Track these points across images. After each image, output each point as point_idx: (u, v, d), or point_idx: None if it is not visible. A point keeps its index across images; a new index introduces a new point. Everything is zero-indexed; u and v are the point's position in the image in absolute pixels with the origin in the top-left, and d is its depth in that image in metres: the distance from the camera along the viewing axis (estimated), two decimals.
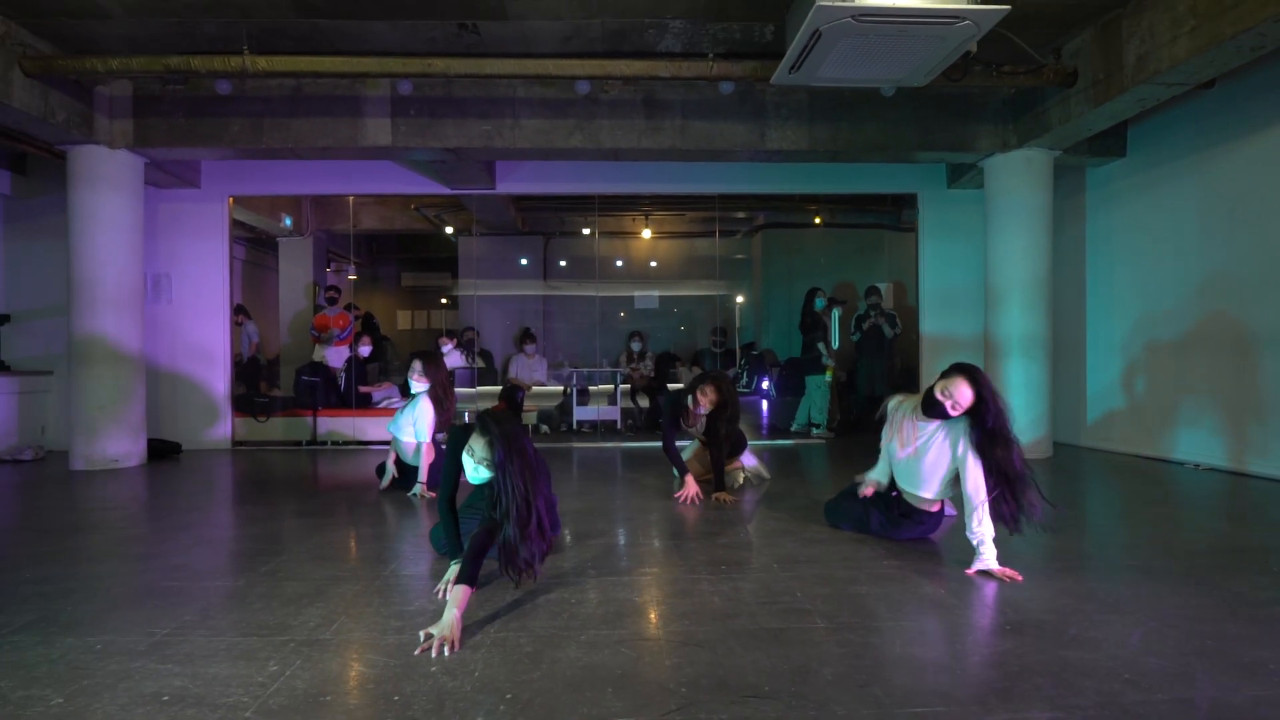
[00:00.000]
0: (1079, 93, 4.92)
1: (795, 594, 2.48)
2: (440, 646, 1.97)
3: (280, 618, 2.29)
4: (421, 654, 1.96)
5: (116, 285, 5.56)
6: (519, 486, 2.26)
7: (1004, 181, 5.80)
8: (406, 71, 4.79)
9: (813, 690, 1.76)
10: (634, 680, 1.83)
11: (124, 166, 5.59)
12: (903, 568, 2.78)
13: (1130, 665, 1.89)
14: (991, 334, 5.93)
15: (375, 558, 3.00)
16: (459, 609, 2.07)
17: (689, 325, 9.74)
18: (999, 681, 1.81)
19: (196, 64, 4.72)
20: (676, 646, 2.04)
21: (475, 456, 2.34)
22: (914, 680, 1.82)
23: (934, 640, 2.07)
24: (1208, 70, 4.14)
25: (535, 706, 1.70)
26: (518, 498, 2.25)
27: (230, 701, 1.73)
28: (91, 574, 2.83)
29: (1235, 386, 5.02)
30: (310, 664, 1.94)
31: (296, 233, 8.86)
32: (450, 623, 2.03)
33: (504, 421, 2.35)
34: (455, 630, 2.03)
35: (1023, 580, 2.57)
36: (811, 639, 2.08)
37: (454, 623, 2.04)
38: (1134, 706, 1.67)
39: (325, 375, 7.12)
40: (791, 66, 4.29)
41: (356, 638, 2.13)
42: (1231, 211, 5.04)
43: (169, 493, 4.63)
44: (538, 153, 5.66)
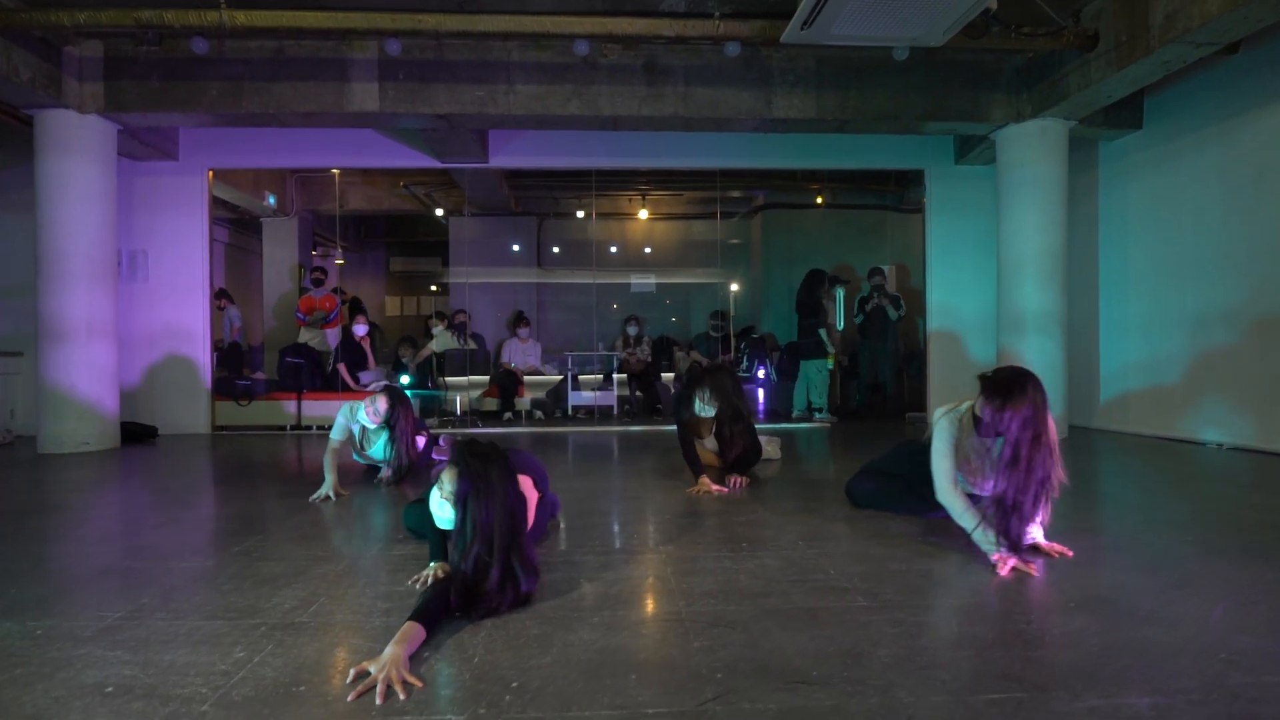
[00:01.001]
0: (1099, 56, 4.70)
1: (828, 571, 2.24)
2: (384, 688, 1.46)
3: (252, 600, 2.03)
4: (353, 701, 1.43)
5: (88, 258, 5.25)
6: (482, 529, 1.83)
7: (1017, 154, 5.59)
8: (395, 28, 4.50)
9: (869, 674, 1.52)
10: (659, 665, 1.59)
11: (95, 133, 5.27)
12: (941, 544, 2.54)
13: (1223, 645, 1.67)
14: (1005, 311, 5.72)
15: (361, 536, 2.74)
16: (405, 647, 1.60)
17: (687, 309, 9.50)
18: (1080, 663, 1.58)
19: (170, 18, 4.41)
20: (704, 627, 1.79)
21: (443, 492, 1.95)
22: (982, 662, 1.58)
23: (995, 619, 1.84)
24: (1240, 27, 3.93)
25: (547, 695, 1.45)
26: (479, 542, 1.83)
27: (185, 693, 1.47)
28: (44, 555, 2.55)
29: (1259, 364, 4.83)
30: (283, 650, 1.68)
31: (281, 212, 8.53)
32: (391, 659, 1.53)
33: (485, 456, 1.92)
34: (399, 668, 1.52)
35: (1072, 555, 2.34)
36: (855, 619, 1.85)
37: (397, 659, 1.54)
38: (1243, 690, 1.45)
39: (309, 357, 6.82)
40: (803, 23, 4.05)
41: (338, 620, 1.87)
42: (1256, 182, 4.85)
43: (139, 475, 4.33)
44: (533, 120, 5.39)
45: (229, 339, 8.11)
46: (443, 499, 1.96)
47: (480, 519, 1.84)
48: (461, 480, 1.88)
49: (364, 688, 1.46)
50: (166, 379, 6.35)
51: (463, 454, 1.92)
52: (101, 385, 5.31)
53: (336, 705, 1.42)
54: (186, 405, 6.36)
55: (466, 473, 1.88)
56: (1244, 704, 1.39)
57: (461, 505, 1.87)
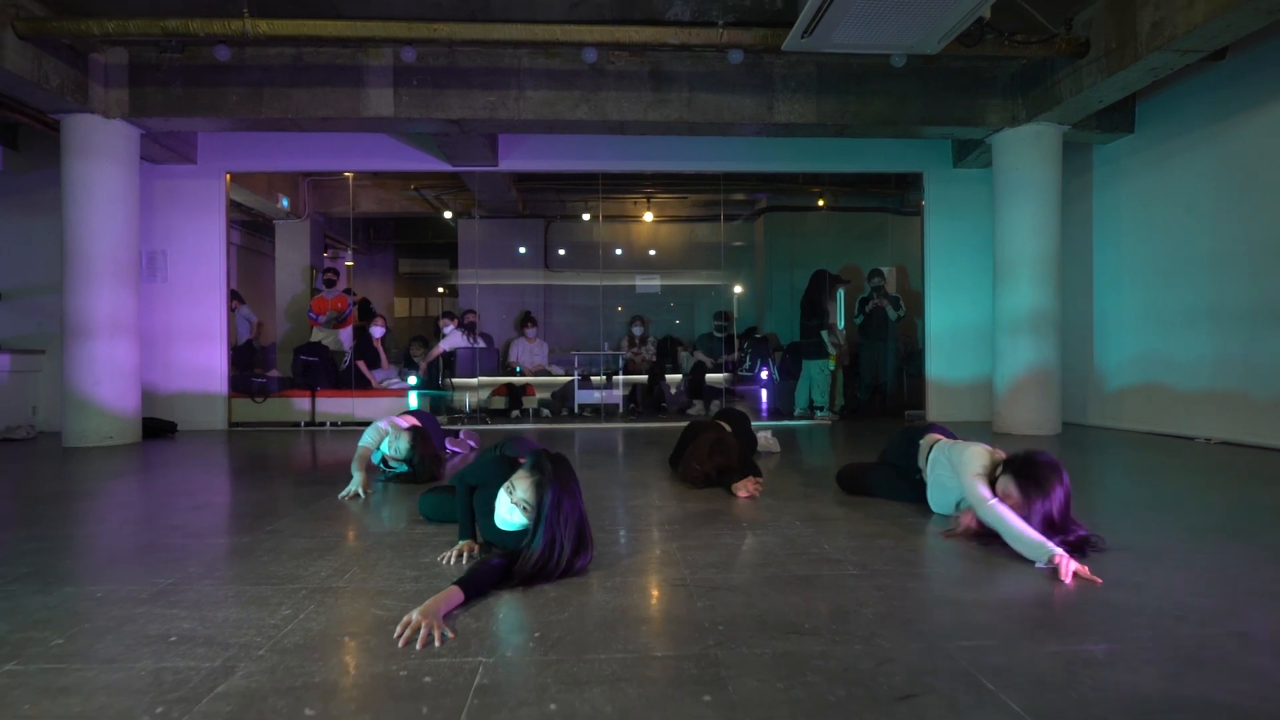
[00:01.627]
0: (1090, 63, 4.87)
1: (823, 545, 2.40)
2: (425, 635, 1.62)
3: (289, 569, 2.20)
4: (403, 646, 1.60)
5: (112, 259, 5.44)
6: (560, 533, 1.99)
7: (1013, 157, 5.75)
8: (411, 36, 4.69)
9: (855, 627, 1.69)
10: (667, 619, 1.75)
11: (119, 137, 5.47)
12: (923, 522, 2.70)
13: (1179, 605, 1.82)
14: (1001, 311, 5.87)
15: (383, 519, 2.91)
16: (442, 604, 1.75)
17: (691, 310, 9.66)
18: (1047, 618, 1.74)
19: (195, 27, 4.60)
20: (707, 591, 1.96)
21: (513, 496, 2.06)
22: (959, 617, 1.74)
23: (974, 583, 2.00)
24: (1224, 35, 4.09)
25: (566, 643, 1.62)
26: (555, 543, 2.00)
27: (243, 641, 1.64)
28: (87, 534, 2.73)
29: (1246, 361, 4.98)
30: (324, 609, 1.85)
31: (294, 215, 8.73)
32: (429, 610, 1.70)
33: (560, 465, 2.07)
34: (435, 619, 1.67)
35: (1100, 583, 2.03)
36: (845, 584, 2.01)
37: (433, 612, 1.70)
38: (1188, 639, 1.61)
39: (323, 355, 7.01)
40: (804, 31, 4.22)
41: (371, 586, 2.04)
42: (1245, 183, 5.00)
43: (164, 466, 4.51)
44: (542, 125, 5.57)
45: (245, 336, 8.30)
46: (513, 504, 2.05)
47: (559, 527, 2.00)
48: (544, 491, 2.00)
49: (409, 633, 1.64)
50: (184, 376, 6.54)
51: (544, 466, 2.05)
52: (124, 382, 5.50)
53: (379, 650, 1.59)
54: (204, 402, 6.55)
55: (551, 484, 2.01)
56: (1188, 650, 1.55)
57: (538, 512, 2.00)
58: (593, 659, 1.53)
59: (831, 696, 1.35)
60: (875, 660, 1.51)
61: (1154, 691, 1.36)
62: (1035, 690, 1.37)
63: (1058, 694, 1.35)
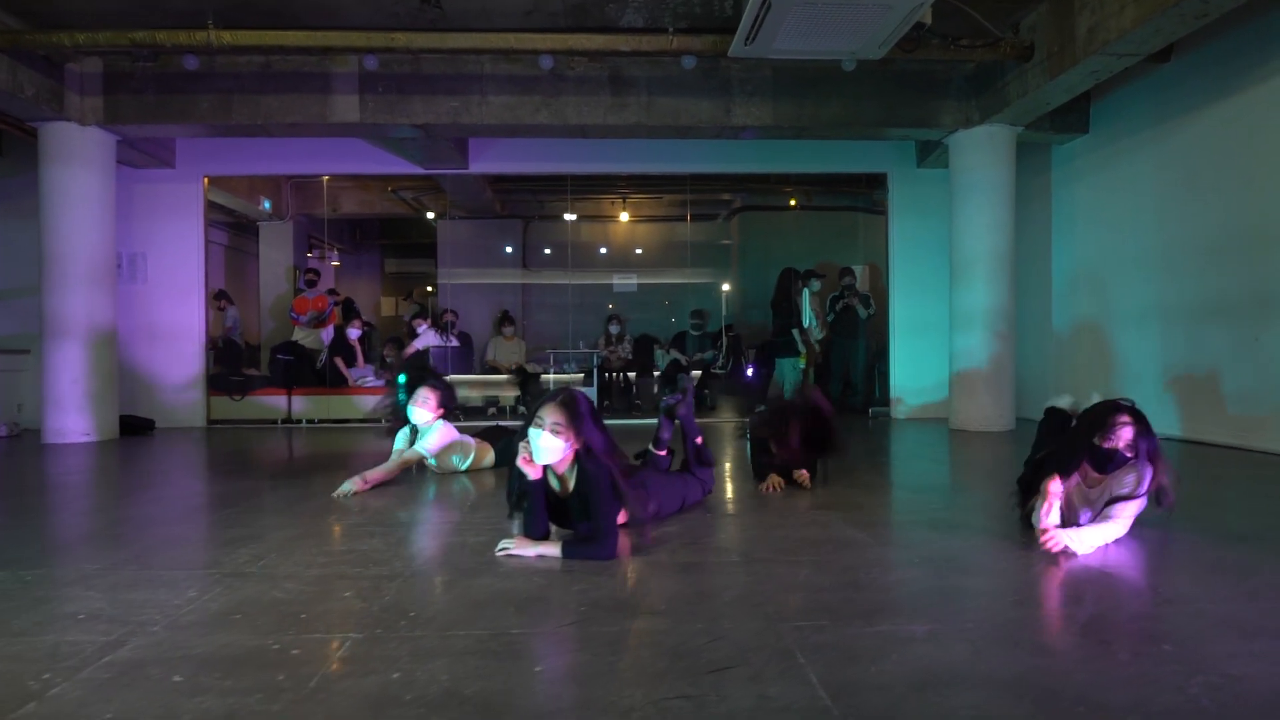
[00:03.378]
0: (1035, 66, 4.97)
1: (718, 535, 2.54)
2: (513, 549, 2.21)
3: (212, 556, 2.35)
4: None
5: (88, 262, 5.61)
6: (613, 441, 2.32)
7: (967, 158, 5.86)
8: (370, 46, 4.83)
9: (708, 609, 1.83)
10: (539, 602, 1.89)
11: (95, 143, 5.63)
12: (830, 515, 2.84)
13: (1022, 590, 1.96)
14: (956, 309, 5.99)
15: (321, 510, 3.05)
16: (539, 550, 2.22)
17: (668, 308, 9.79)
18: (889, 602, 1.87)
19: (161, 38, 4.76)
20: (586, 575, 2.09)
21: (544, 424, 2.21)
22: (808, 600, 1.88)
23: (838, 570, 2.13)
24: (1155, 39, 4.20)
25: (436, 622, 1.76)
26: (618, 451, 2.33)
27: (142, 619, 1.79)
28: (39, 524, 2.89)
29: (1187, 358, 5.08)
30: (229, 591, 2.00)
31: (276, 217, 8.90)
32: (528, 548, 2.22)
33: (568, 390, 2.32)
34: (526, 550, 2.22)
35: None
36: (722, 570, 2.15)
37: (530, 550, 2.21)
38: (1010, 621, 1.74)
39: (299, 354, 7.17)
40: (746, 38, 4.34)
41: (281, 571, 2.18)
42: (1188, 183, 5.10)
43: (133, 461, 4.69)
44: (505, 129, 5.71)
45: (225, 336, 8.47)
46: (546, 431, 2.21)
47: (600, 429, 2.31)
48: (573, 399, 2.28)
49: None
50: (164, 375, 6.71)
51: (557, 392, 2.31)
52: (101, 380, 5.67)
53: (263, 627, 1.73)
54: (183, 400, 6.72)
55: (573, 393, 2.30)
56: (1005, 629, 1.68)
57: (574, 421, 2.24)
58: (452, 635, 1.68)
59: (652, 668, 1.49)
60: (709, 637, 1.65)
61: (949, 666, 1.49)
62: (841, 665, 1.50)
63: (860, 668, 1.49)
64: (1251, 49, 4.60)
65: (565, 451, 2.24)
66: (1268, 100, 4.52)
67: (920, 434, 5.90)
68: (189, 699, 1.37)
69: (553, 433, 2.21)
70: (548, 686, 1.41)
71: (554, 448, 2.22)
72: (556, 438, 2.22)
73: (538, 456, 2.24)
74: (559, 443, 2.22)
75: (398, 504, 3.18)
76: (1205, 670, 1.45)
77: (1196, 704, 1.32)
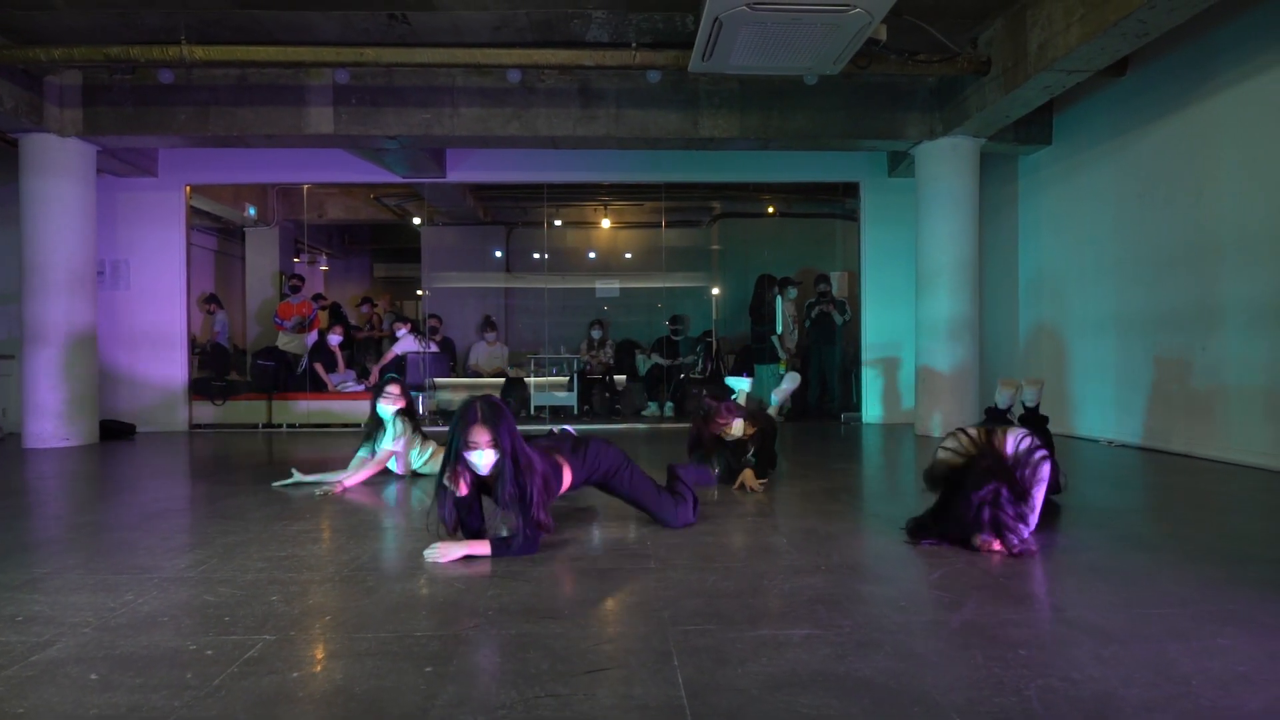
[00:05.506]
0: (992, 80, 5.08)
1: (645, 543, 2.65)
2: (444, 555, 2.37)
3: (156, 561, 2.46)
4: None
5: (67, 270, 5.73)
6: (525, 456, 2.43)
7: (932, 169, 5.97)
8: (340, 60, 4.95)
9: (605, 614, 1.94)
10: (451, 606, 2.00)
11: (74, 154, 5.76)
12: (763, 522, 2.95)
13: (911, 596, 2.06)
14: (922, 318, 6.09)
15: (272, 517, 3.16)
16: (466, 549, 2.41)
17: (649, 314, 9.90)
18: (781, 608, 1.98)
19: (136, 53, 4.88)
20: (507, 581, 2.20)
21: (472, 440, 2.39)
22: (704, 606, 1.99)
23: (745, 577, 2.24)
24: (1101, 56, 4.30)
25: (348, 625, 1.87)
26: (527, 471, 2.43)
27: (76, 621, 1.90)
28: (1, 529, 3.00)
29: (1144, 367, 5.19)
30: (164, 594, 2.11)
31: (262, 223, 9.03)
32: (455, 548, 2.40)
33: (486, 400, 2.48)
34: (452, 553, 2.39)
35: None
36: (637, 577, 2.25)
37: (457, 550, 2.39)
38: (890, 626, 1.84)
39: (281, 360, 7.29)
40: (703, 54, 4.45)
41: (218, 575, 2.30)
42: (1141, 195, 5.21)
43: (107, 467, 4.80)
44: (477, 140, 5.83)
45: (213, 341, 8.60)
46: (479, 449, 2.37)
47: (515, 443, 2.44)
48: (498, 414, 2.43)
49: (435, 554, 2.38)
50: (147, 380, 6.84)
51: (473, 402, 2.46)
52: (81, 386, 5.80)
53: (188, 629, 1.85)
54: (166, 405, 6.84)
55: (492, 406, 2.46)
56: (874, 634, 1.79)
57: (499, 440, 2.40)
58: (360, 637, 1.79)
59: (534, 669, 1.60)
60: (596, 640, 1.76)
61: (810, 668, 1.60)
62: (710, 667, 1.61)
63: (726, 670, 1.59)
64: (1201, 63, 4.71)
65: (494, 457, 2.40)
66: (1215, 114, 4.63)
67: (885, 439, 6.01)
68: (99, 695, 1.49)
69: (490, 448, 2.38)
70: (431, 685, 1.52)
71: (490, 460, 2.40)
72: (491, 450, 2.38)
73: (479, 470, 2.41)
74: (492, 455, 2.39)
75: (348, 511, 3.30)
76: (1048, 674, 1.56)
77: (1028, 705, 1.43)
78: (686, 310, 9.25)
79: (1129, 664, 1.60)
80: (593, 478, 2.76)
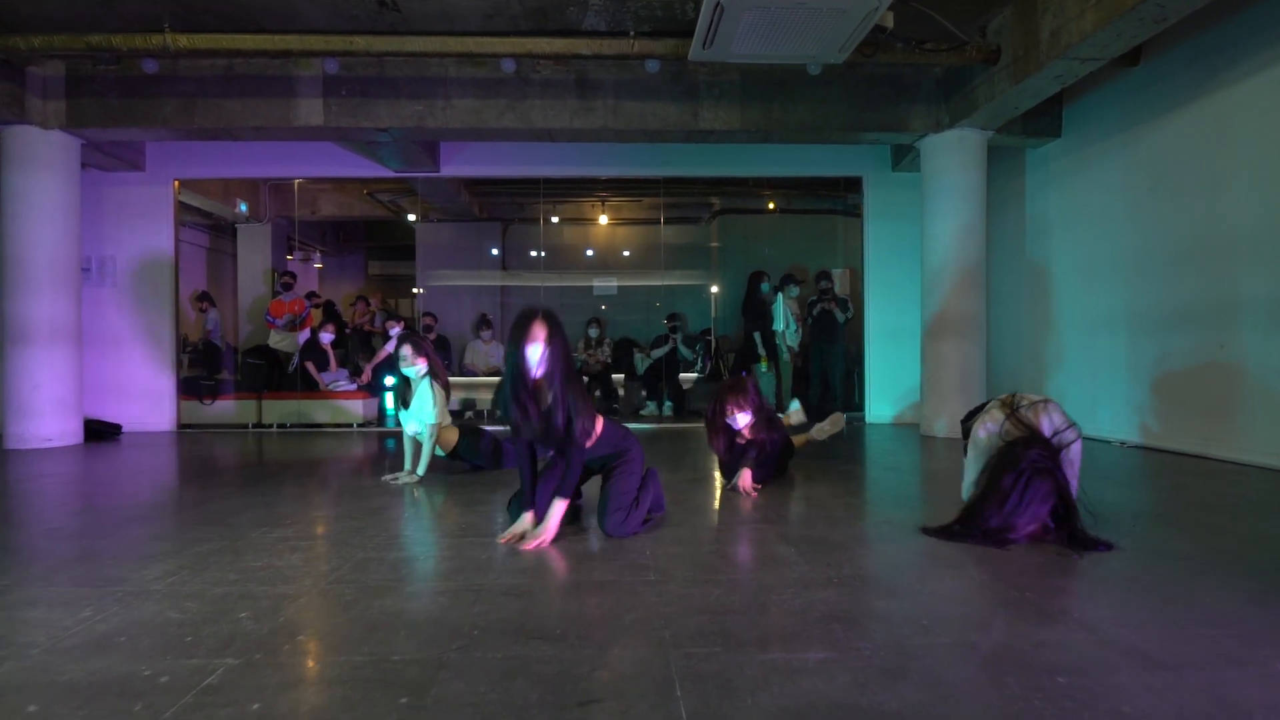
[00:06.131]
0: (1002, 70, 4.93)
1: (645, 552, 2.49)
2: (535, 544, 2.50)
3: (121, 573, 2.30)
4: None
5: (50, 266, 5.57)
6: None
7: (938, 162, 5.81)
8: (329, 49, 4.79)
9: (603, 634, 1.78)
10: (432, 624, 1.85)
11: (58, 147, 5.59)
12: (767, 530, 2.79)
13: (933, 613, 1.91)
14: (928, 315, 5.94)
15: (253, 523, 3.01)
16: (556, 518, 2.56)
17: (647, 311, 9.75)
18: (792, 627, 1.83)
19: (117, 42, 4.72)
20: (495, 595, 2.05)
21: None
22: (709, 624, 1.83)
23: (751, 591, 2.09)
24: (1117, 43, 4.15)
25: (320, 647, 1.72)
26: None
27: (26, 641, 1.75)
28: None
29: (1156, 363, 5.04)
30: (125, 611, 1.96)
31: (254, 219, 8.86)
32: (547, 529, 2.54)
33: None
34: (549, 534, 2.54)
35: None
36: (635, 590, 2.10)
37: (551, 530, 2.54)
38: (914, 649, 1.69)
39: (269, 358, 7.13)
40: (704, 42, 4.30)
41: (186, 589, 2.14)
42: (1153, 189, 5.05)
43: (88, 469, 4.64)
44: (470, 132, 5.67)
45: (206, 339, 8.43)
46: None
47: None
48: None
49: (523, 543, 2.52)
50: (134, 378, 6.67)
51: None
52: (63, 385, 5.63)
53: (143, 651, 1.69)
54: (153, 404, 6.68)
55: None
56: (899, 660, 1.63)
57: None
58: (331, 661, 1.63)
59: (521, 700, 1.45)
60: (592, 665, 1.60)
61: (827, 699, 1.45)
62: (717, 697, 1.46)
63: (734, 701, 1.44)
64: (1219, 51, 4.55)
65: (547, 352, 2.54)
66: (1235, 104, 4.47)
67: (890, 440, 5.85)
68: None
69: (545, 344, 2.53)
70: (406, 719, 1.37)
71: (542, 354, 2.54)
72: (545, 347, 2.53)
73: (533, 367, 2.54)
74: (546, 351, 2.54)
75: (334, 516, 3.14)
76: (1096, 708, 1.41)
77: None
78: (685, 308, 9.09)
79: (1182, 694, 1.45)
80: (615, 443, 2.79)
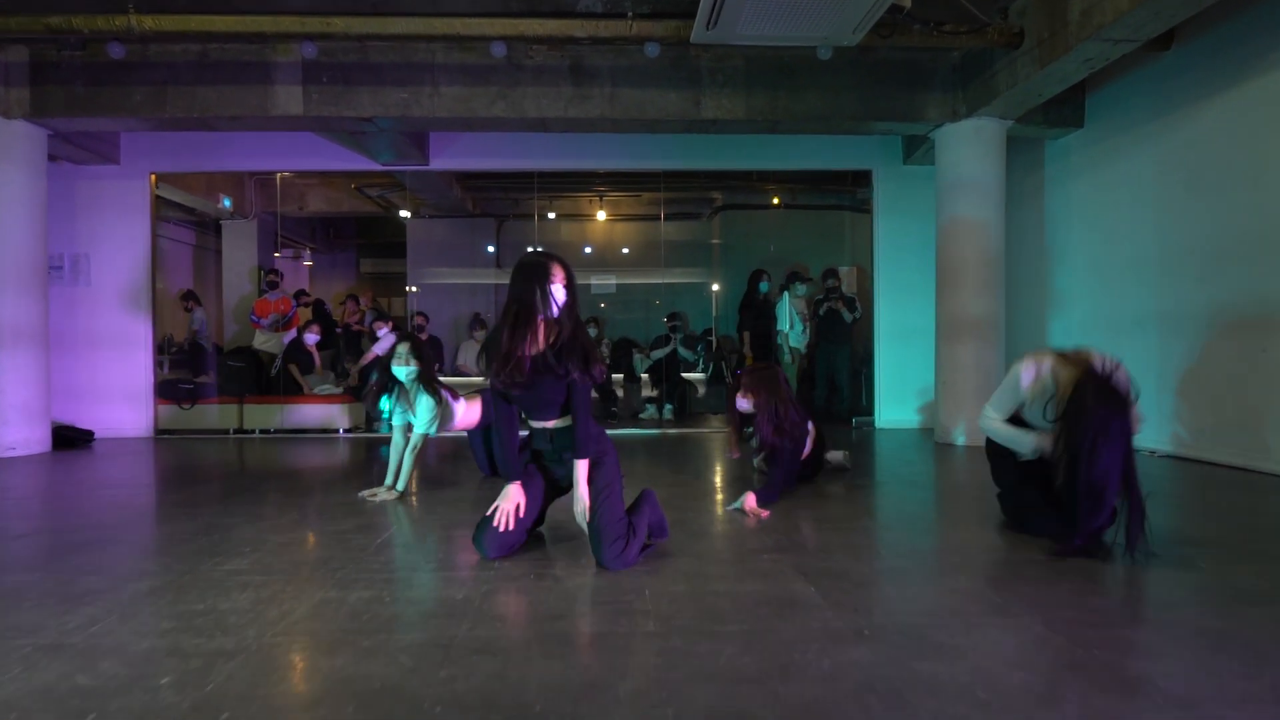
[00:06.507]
0: (1025, 54, 4.61)
1: (643, 592, 2.18)
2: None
3: (40, 619, 1.99)
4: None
5: (15, 264, 5.26)
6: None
7: (954, 154, 5.50)
8: (306, 31, 4.48)
9: (591, 711, 1.47)
10: (388, 695, 1.54)
11: (22, 138, 5.28)
12: (782, 561, 2.48)
13: (989, 681, 1.60)
14: (943, 315, 5.63)
15: (205, 552, 2.69)
16: (584, 483, 2.42)
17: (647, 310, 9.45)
18: (822, 701, 1.51)
19: (78, 23, 4.41)
20: (466, 655, 1.74)
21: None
22: (721, 698, 1.52)
23: (770, 649, 1.78)
24: (1154, 23, 3.83)
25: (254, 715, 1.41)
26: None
27: None
28: None
29: (1188, 368, 4.73)
30: (26, 675, 1.64)
31: (239, 215, 8.53)
32: (581, 498, 2.40)
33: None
34: (586, 498, 2.39)
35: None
36: (630, 646, 1.79)
37: (584, 494, 2.40)
38: None
39: (251, 361, 6.82)
40: (708, 22, 3.99)
41: (107, 642, 1.83)
42: (1187, 183, 4.74)
43: (45, 482, 4.33)
44: (459, 122, 5.35)
45: (192, 339, 8.12)
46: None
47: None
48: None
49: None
50: (109, 383, 6.36)
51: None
52: (29, 390, 5.32)
53: None
54: (129, 409, 6.37)
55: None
56: None
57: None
58: None
59: None
60: None
61: None
62: None
63: None
64: (1258, 35, 4.23)
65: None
66: (1274, 91, 4.15)
67: (903, 447, 5.54)
68: None
69: (565, 288, 2.36)
70: None
71: (565, 297, 2.36)
72: (566, 291, 2.36)
73: (556, 303, 2.35)
74: (562, 292, 2.35)
75: (297, 542, 2.83)
76: None
77: None
78: (686, 307, 8.78)
79: None
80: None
